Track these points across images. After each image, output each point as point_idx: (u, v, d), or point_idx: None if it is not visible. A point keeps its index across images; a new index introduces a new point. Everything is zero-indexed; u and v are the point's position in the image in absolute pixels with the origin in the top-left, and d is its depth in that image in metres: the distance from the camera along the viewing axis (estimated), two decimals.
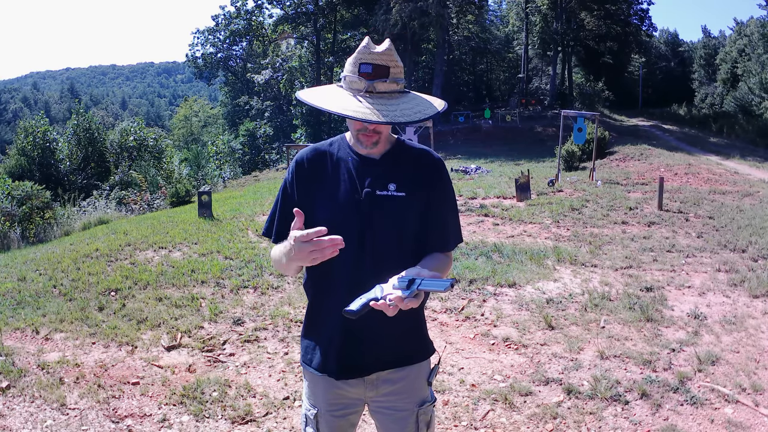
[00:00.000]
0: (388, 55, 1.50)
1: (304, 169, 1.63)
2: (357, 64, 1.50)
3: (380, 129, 1.55)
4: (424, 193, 1.61)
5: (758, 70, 31.60)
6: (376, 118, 1.44)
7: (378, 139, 1.57)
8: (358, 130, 1.56)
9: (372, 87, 1.49)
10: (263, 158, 35.07)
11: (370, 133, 1.55)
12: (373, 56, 1.49)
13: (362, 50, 1.51)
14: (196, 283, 5.53)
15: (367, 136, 1.56)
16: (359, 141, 1.58)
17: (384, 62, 1.50)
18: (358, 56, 1.50)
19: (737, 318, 4.44)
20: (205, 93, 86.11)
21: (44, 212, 12.84)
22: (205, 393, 3.40)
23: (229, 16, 43.80)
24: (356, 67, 1.50)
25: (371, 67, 1.48)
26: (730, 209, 8.89)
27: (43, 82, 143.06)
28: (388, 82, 1.50)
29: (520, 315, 4.63)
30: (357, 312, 1.38)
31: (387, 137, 1.63)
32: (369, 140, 1.57)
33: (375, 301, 1.37)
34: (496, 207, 9.40)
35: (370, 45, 1.51)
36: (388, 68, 1.50)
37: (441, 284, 1.33)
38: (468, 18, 37.21)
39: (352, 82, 1.51)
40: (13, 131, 41.46)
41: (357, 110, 1.46)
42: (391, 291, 1.37)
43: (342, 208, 1.57)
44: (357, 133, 1.57)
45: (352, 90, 1.51)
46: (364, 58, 1.49)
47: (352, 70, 1.51)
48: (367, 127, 1.53)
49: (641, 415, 3.11)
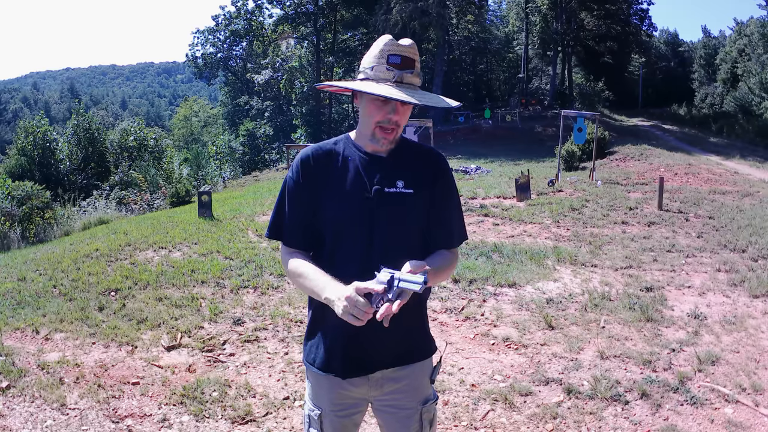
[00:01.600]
0: (413, 48, 1.56)
1: (310, 166, 1.62)
2: (385, 56, 1.53)
3: (400, 122, 1.55)
4: (429, 190, 1.63)
5: (758, 70, 31.58)
6: (414, 100, 1.47)
7: (395, 135, 1.58)
8: (378, 123, 1.56)
9: (401, 77, 1.52)
10: (263, 158, 35.08)
11: (390, 126, 1.55)
12: (401, 48, 1.53)
13: (389, 43, 1.54)
14: (196, 283, 5.53)
15: (386, 131, 1.56)
16: (375, 138, 1.58)
17: (411, 55, 1.54)
18: (386, 48, 1.53)
19: (737, 318, 4.44)
20: (205, 93, 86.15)
21: (44, 212, 12.85)
22: (205, 393, 3.40)
23: (230, 16, 43.79)
24: (384, 58, 1.53)
25: (400, 58, 1.52)
26: (730, 209, 8.89)
27: (43, 82, 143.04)
28: (414, 74, 1.54)
29: (520, 315, 4.63)
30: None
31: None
32: (388, 136, 1.57)
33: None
34: (496, 207, 9.40)
35: (394, 40, 1.55)
36: (414, 61, 1.55)
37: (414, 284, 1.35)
38: (468, 18, 37.18)
39: (381, 73, 1.53)
40: (13, 131, 41.43)
41: (392, 93, 1.49)
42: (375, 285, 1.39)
43: (351, 206, 1.58)
44: (376, 128, 1.56)
45: (379, 80, 1.53)
46: (392, 50, 1.53)
47: (379, 61, 1.53)
48: (390, 118, 1.54)
49: (641, 415, 3.11)
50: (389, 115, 1.53)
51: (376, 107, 1.55)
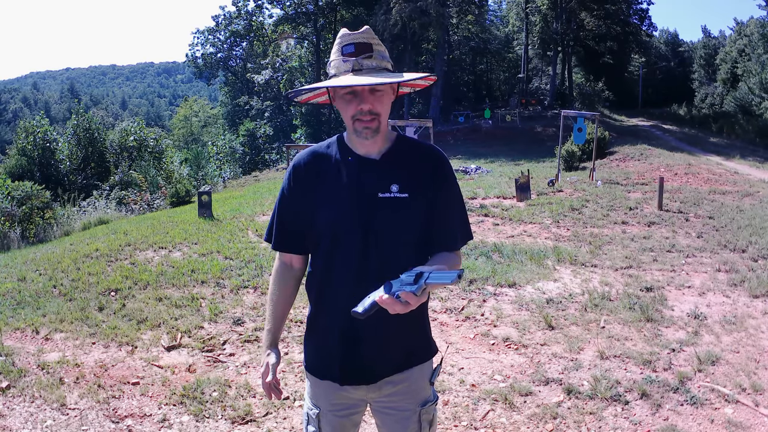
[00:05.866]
0: (367, 33, 1.51)
1: (301, 174, 1.60)
2: (339, 49, 1.50)
3: (375, 109, 1.49)
4: (428, 191, 1.56)
5: (758, 70, 31.56)
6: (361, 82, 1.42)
7: (377, 126, 1.51)
8: (353, 117, 1.50)
9: (358, 64, 1.48)
10: (263, 158, 35.05)
11: (366, 116, 1.49)
12: (353, 36, 1.50)
13: (342, 35, 1.52)
14: (196, 283, 5.53)
15: (364, 123, 1.50)
16: (357, 132, 1.51)
17: (364, 40, 1.49)
18: (340, 41, 1.51)
19: (737, 318, 4.44)
20: (205, 93, 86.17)
21: (44, 212, 12.84)
22: (205, 393, 3.40)
23: (230, 17, 43.84)
24: (339, 51, 1.50)
25: (353, 46, 1.48)
26: (730, 209, 8.89)
27: (43, 82, 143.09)
28: (374, 57, 1.49)
29: (520, 315, 4.63)
30: (364, 313, 1.37)
31: (386, 133, 1.59)
32: (370, 125, 1.50)
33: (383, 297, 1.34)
34: (496, 207, 9.40)
35: (347, 31, 1.52)
36: (371, 45, 1.49)
37: (448, 276, 1.30)
38: (468, 18, 37.20)
39: (340, 66, 1.49)
40: (13, 131, 41.41)
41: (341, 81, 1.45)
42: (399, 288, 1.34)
43: (343, 212, 1.54)
44: (353, 122, 1.51)
45: (340, 74, 1.50)
46: (344, 40, 1.50)
47: (337, 56, 1.51)
48: (362, 109, 1.48)
49: (641, 415, 3.11)
50: (360, 106, 1.48)
51: (345, 102, 1.51)
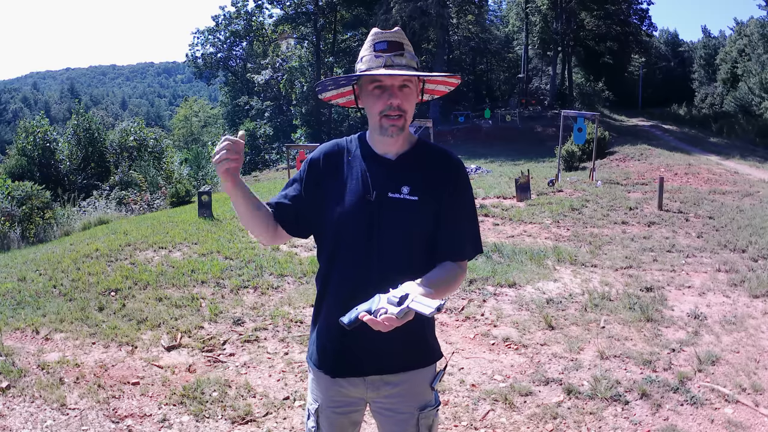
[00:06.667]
0: (399, 33, 1.57)
1: (318, 167, 1.63)
2: (372, 45, 1.56)
3: (403, 107, 1.53)
4: (439, 197, 1.56)
5: (758, 70, 31.60)
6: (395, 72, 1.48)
7: (403, 123, 1.55)
8: (380, 113, 1.53)
9: (390, 60, 1.53)
10: (263, 158, 35.08)
11: (395, 112, 1.52)
12: (386, 35, 1.56)
13: (375, 33, 1.57)
14: (196, 283, 5.53)
15: (391, 119, 1.53)
16: (382, 129, 1.54)
17: (397, 39, 1.55)
18: (372, 38, 1.57)
19: (737, 318, 4.44)
20: (205, 93, 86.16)
21: (44, 212, 12.84)
22: (205, 393, 3.40)
23: (230, 17, 43.81)
24: (372, 47, 1.55)
25: (386, 43, 1.54)
26: (730, 209, 8.89)
27: (43, 82, 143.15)
28: (405, 56, 1.55)
29: (520, 315, 4.63)
30: (350, 325, 1.37)
31: (408, 135, 1.61)
32: (396, 122, 1.53)
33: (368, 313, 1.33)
34: (496, 207, 9.40)
35: (379, 29, 1.58)
36: (401, 44, 1.55)
37: (428, 306, 1.27)
38: (468, 18, 37.21)
39: (371, 62, 1.54)
40: (13, 131, 41.43)
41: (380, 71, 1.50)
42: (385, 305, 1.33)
43: (351, 208, 1.55)
44: (380, 119, 1.54)
45: (371, 69, 1.54)
46: (377, 38, 1.56)
47: (369, 52, 1.55)
48: (391, 104, 1.52)
49: (641, 415, 3.11)
50: (389, 101, 1.51)
51: (374, 98, 1.54)
